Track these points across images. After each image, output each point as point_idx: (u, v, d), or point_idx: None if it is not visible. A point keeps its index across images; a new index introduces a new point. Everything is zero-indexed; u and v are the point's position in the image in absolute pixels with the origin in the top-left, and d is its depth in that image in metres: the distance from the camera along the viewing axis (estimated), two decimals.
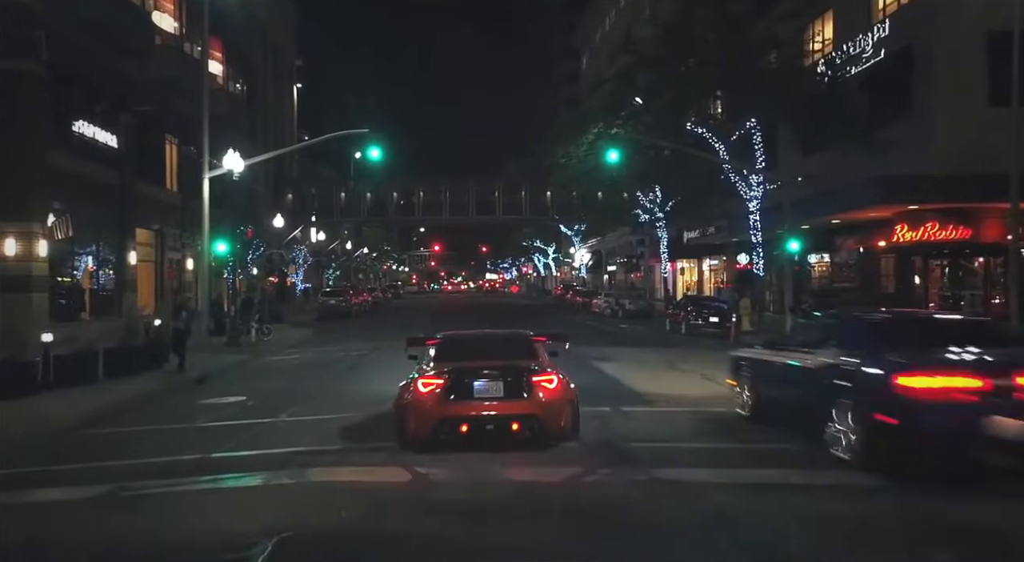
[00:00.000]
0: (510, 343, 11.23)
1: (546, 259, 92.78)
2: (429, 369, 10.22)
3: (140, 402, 15.32)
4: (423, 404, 9.79)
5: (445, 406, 9.74)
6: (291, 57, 71.12)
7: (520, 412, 9.75)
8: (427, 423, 9.76)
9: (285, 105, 67.01)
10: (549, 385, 9.89)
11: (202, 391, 16.87)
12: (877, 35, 30.28)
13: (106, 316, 30.05)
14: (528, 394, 9.78)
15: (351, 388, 16.77)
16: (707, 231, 43.89)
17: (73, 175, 24.95)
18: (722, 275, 51.26)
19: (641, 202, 44.02)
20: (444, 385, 9.79)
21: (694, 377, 17.89)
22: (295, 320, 39.71)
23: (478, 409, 9.82)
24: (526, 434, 9.86)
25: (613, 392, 15.45)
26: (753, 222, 30.63)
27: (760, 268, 30.73)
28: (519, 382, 9.83)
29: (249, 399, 15.41)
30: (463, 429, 9.79)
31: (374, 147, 29.75)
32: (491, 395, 9.83)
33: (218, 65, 45.22)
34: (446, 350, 10.80)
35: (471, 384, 9.83)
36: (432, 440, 9.81)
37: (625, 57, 37.68)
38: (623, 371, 18.91)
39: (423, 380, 9.94)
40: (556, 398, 9.89)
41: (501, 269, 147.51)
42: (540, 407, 9.77)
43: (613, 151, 30.02)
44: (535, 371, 10.03)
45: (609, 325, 38.88)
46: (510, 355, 10.39)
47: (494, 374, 9.86)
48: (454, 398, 9.78)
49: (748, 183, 30.48)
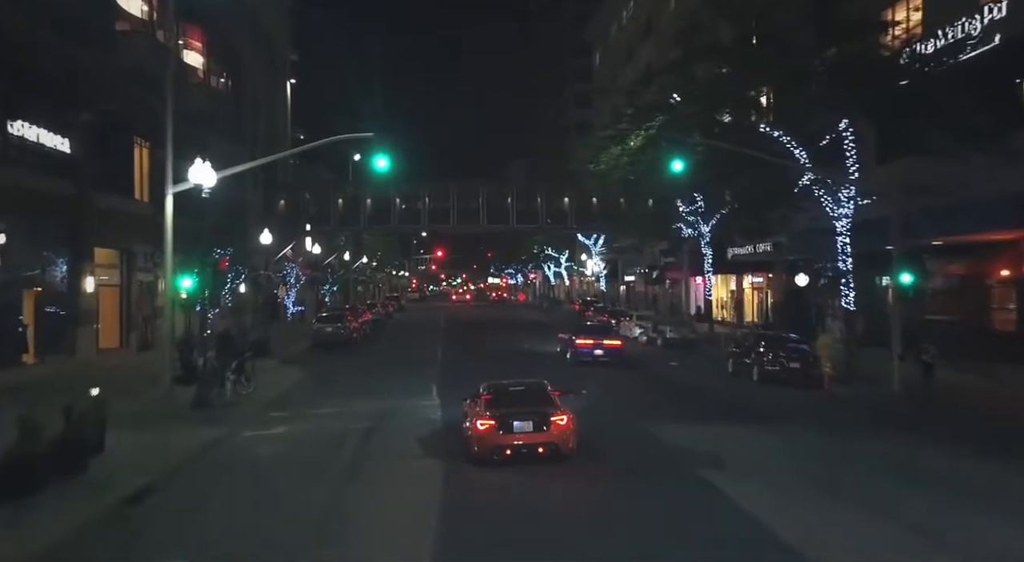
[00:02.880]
0: (535, 391, 15.48)
1: (558, 268, 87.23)
2: (484, 412, 14.56)
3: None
4: (481, 437, 14.31)
5: (496, 438, 14.23)
6: (285, 49, 65.44)
7: (544, 440, 14.26)
8: (485, 449, 14.32)
9: (278, 103, 61.34)
10: (561, 422, 14.35)
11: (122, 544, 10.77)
12: (988, 18, 24.93)
13: (56, 356, 25.03)
14: (548, 428, 14.29)
15: (359, 529, 11.18)
16: (760, 247, 38.38)
17: (7, 187, 20.82)
18: (766, 293, 45.74)
19: (683, 213, 38.44)
20: (495, 425, 14.26)
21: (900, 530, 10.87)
22: (286, 353, 34.12)
23: (517, 440, 14.28)
24: (547, 454, 14.31)
25: None
26: (842, 246, 25.06)
27: (850, 301, 25.11)
28: (543, 421, 14.34)
29: None
30: (507, 453, 14.27)
31: (381, 155, 24.10)
32: (525, 430, 14.30)
33: (197, 56, 39.60)
34: (494, 399, 14.97)
35: (512, 423, 14.31)
36: (488, 459, 14.30)
37: (675, 51, 31.91)
38: (760, 501, 11.97)
39: (481, 421, 14.35)
40: (566, 429, 14.36)
41: (505, 274, 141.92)
42: (556, 437, 14.28)
43: (678, 160, 24.33)
44: (553, 413, 14.48)
45: (649, 359, 33.27)
46: (536, 402, 14.93)
47: (526, 416, 14.39)
48: (502, 433, 14.26)
49: (835, 197, 24.92)
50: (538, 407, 14.58)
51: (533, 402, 14.83)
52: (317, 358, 34.11)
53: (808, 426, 18.57)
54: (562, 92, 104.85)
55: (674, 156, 24.82)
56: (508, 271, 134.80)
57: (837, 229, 25.11)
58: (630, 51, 71.97)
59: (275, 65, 60.19)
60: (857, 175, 24.46)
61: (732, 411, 20.98)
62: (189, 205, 23.85)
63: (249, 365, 25.26)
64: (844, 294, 24.97)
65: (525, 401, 14.91)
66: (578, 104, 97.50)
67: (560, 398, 15.29)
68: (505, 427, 14.19)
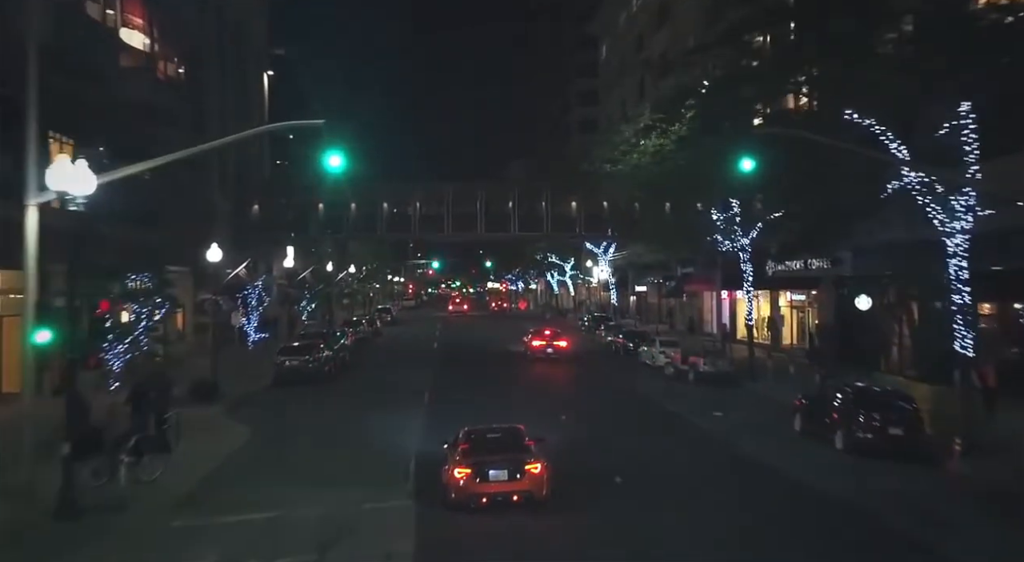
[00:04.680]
0: (512, 439, 15.71)
1: (562, 276, 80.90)
2: (461, 460, 14.86)
3: None
4: (458, 485, 14.61)
5: (473, 486, 14.56)
6: (261, 39, 59.12)
7: (518, 489, 14.59)
8: (462, 497, 14.66)
9: (251, 97, 55.03)
10: (535, 471, 14.62)
11: None
12: None
13: None
14: (523, 476, 14.59)
15: None
16: (813, 264, 32.16)
17: None
18: (807, 312, 39.50)
19: (717, 222, 32.13)
20: (471, 474, 14.57)
21: None
22: (239, 393, 27.87)
23: (492, 488, 14.60)
24: (522, 501, 14.61)
25: None
26: (956, 271, 18.80)
27: (968, 344, 18.82)
28: (518, 469, 14.63)
29: None
30: (483, 501, 14.63)
31: (334, 152, 17.90)
32: (500, 479, 14.61)
33: (140, 35, 33.41)
34: (471, 447, 15.29)
35: (488, 472, 14.63)
36: (464, 505, 14.65)
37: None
38: None
39: (458, 470, 14.65)
40: (540, 476, 14.64)
41: (506, 280, 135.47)
42: (530, 484, 14.59)
43: (747, 158, 17.98)
44: (528, 461, 14.78)
45: (683, 403, 27.03)
46: (512, 449, 15.17)
47: (502, 465, 14.67)
48: (478, 481, 14.57)
49: (946, 205, 18.70)
50: (514, 456, 14.91)
51: (509, 450, 15.11)
52: (276, 402, 27.84)
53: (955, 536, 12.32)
54: (565, 89, 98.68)
55: (736, 151, 18.45)
56: (508, 277, 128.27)
57: (948, 248, 18.86)
58: (641, 41, 66.02)
59: (249, 56, 53.86)
60: (976, 175, 18.24)
61: (829, 510, 14.79)
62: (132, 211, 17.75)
63: (173, 428, 19.20)
64: (961, 335, 18.66)
65: (501, 449, 15.21)
66: (583, 101, 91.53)
67: (535, 446, 15.48)
68: (481, 475, 14.58)
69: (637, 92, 66.23)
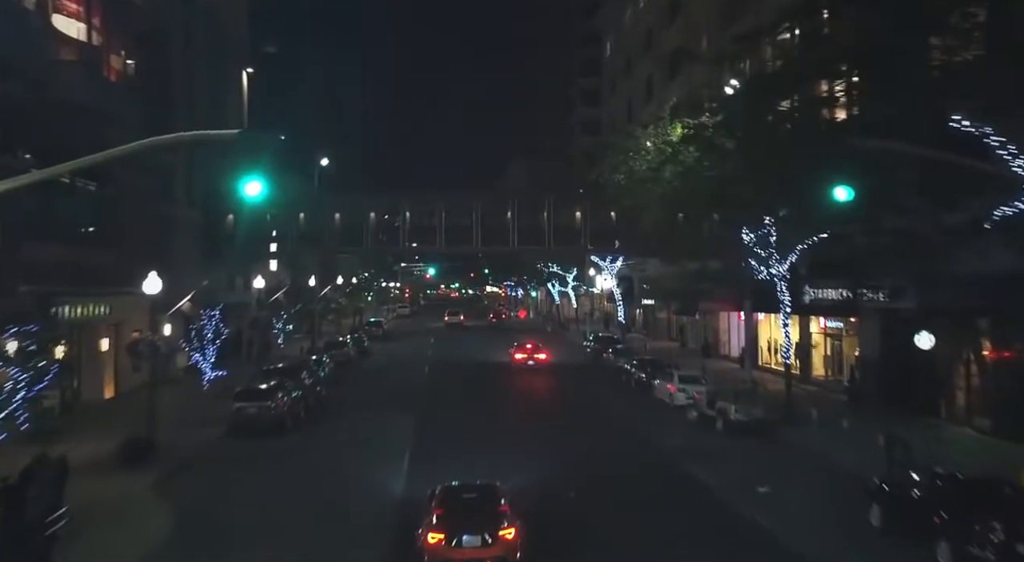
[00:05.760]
0: (487, 500, 15.50)
1: (564, 288, 76.31)
2: (436, 525, 14.67)
3: None
4: (432, 550, 14.51)
5: (447, 551, 14.46)
6: (240, 35, 54.44)
7: (492, 554, 14.47)
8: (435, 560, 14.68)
9: (228, 98, 50.43)
10: (509, 536, 14.53)
11: None
12: None
13: None
14: (496, 542, 14.46)
15: None
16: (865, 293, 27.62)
17: None
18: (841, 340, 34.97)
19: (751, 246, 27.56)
20: (445, 539, 14.46)
21: None
22: (183, 447, 23.35)
23: (466, 554, 14.49)
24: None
25: None
26: None
27: None
28: (492, 535, 14.47)
29: None
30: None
31: (252, 177, 13.46)
32: (474, 545, 14.46)
33: (76, 23, 28.86)
34: (445, 511, 14.98)
35: (462, 538, 14.50)
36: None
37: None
38: None
39: (432, 534, 14.55)
40: (514, 541, 14.55)
41: (505, 285, 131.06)
42: (503, 551, 14.47)
43: (840, 186, 13.46)
44: (502, 526, 14.62)
45: (714, 467, 22.37)
46: (486, 512, 14.99)
47: (476, 530, 14.51)
48: (453, 545, 14.43)
49: None
50: (488, 520, 14.80)
51: (483, 513, 15.01)
52: (226, 460, 23.31)
53: None
54: (566, 89, 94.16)
55: (838, 181, 13.84)
56: (507, 283, 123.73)
57: None
58: (649, 37, 61.47)
59: (226, 50, 49.20)
60: None
61: None
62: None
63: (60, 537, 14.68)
64: None
65: (476, 510, 15.13)
66: (585, 101, 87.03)
67: (510, 511, 15.19)
68: (456, 541, 14.49)
69: (645, 91, 61.80)
